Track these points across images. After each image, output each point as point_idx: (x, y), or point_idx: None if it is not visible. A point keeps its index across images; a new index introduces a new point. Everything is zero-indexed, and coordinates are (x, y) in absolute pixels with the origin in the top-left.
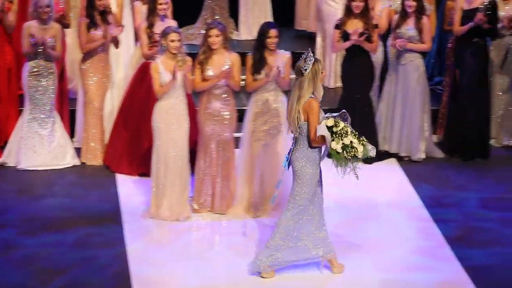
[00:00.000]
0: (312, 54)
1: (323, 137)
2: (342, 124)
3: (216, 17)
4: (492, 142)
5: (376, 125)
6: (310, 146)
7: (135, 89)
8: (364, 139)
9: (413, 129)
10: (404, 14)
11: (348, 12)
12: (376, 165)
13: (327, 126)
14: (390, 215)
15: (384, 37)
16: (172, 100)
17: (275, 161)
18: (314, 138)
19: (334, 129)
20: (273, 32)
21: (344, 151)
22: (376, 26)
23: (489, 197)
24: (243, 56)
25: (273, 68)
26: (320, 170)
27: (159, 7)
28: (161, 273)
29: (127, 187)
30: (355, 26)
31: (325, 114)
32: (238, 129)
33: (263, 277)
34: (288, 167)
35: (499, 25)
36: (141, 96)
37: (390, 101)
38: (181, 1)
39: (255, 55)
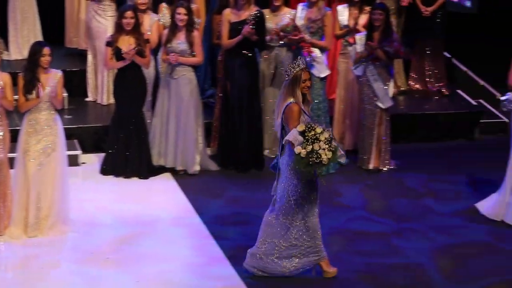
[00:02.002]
0: (302, 62)
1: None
2: (318, 130)
3: None
4: (266, 153)
5: (149, 140)
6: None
7: None
8: (335, 145)
9: (188, 142)
10: (174, 28)
11: (119, 29)
12: (152, 180)
13: (298, 131)
14: (167, 231)
15: (154, 52)
16: None
17: (50, 180)
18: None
19: (306, 134)
20: (46, 50)
21: (309, 157)
22: (147, 41)
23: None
24: (14, 76)
25: (46, 87)
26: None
27: None
28: None
29: None
30: (127, 42)
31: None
32: (13, 150)
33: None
34: (277, 169)
35: (268, 37)
36: None
37: (163, 115)
38: None
39: (26, 75)
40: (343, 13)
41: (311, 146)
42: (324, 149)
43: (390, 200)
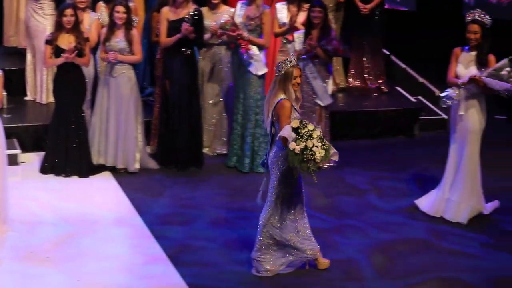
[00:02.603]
0: (295, 59)
1: (284, 137)
2: (310, 127)
3: None
4: (205, 151)
5: (89, 139)
6: (284, 145)
7: None
8: (327, 143)
9: (129, 140)
10: (112, 27)
11: (59, 27)
12: (92, 178)
13: (292, 127)
14: (108, 230)
15: (93, 50)
16: None
17: None
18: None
19: (300, 131)
20: None
21: (303, 153)
22: (87, 39)
23: (207, 210)
24: None
25: None
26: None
27: None
28: None
29: None
30: (67, 40)
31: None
32: None
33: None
34: (266, 166)
35: (206, 35)
36: None
37: (102, 114)
38: None
39: None
40: (282, 11)
41: (304, 143)
42: (317, 146)
43: (332, 197)
